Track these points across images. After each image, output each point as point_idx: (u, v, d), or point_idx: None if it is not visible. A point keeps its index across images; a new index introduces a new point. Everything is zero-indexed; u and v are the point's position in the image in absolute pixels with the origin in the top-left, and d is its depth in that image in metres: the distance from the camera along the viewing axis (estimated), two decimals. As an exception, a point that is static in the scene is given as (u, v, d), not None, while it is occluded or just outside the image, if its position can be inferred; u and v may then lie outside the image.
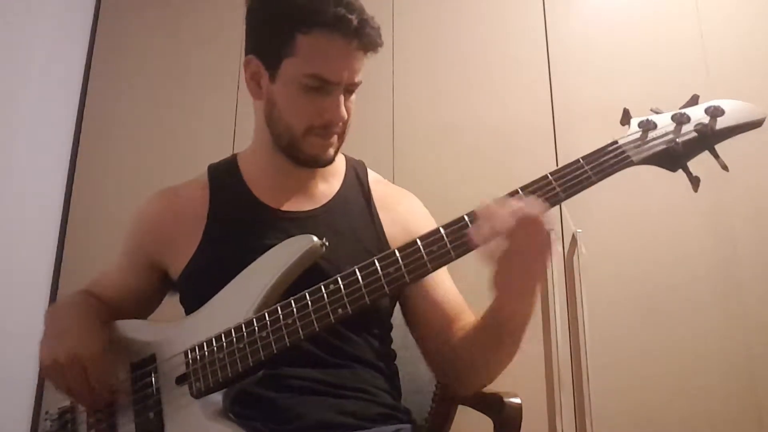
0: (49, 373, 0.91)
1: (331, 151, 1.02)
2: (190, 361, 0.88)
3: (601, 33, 2.00)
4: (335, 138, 1.01)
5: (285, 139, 1.01)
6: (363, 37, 0.95)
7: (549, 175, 0.82)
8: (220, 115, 2.01)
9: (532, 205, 0.78)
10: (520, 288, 0.84)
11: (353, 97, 1.02)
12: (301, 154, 1.01)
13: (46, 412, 0.98)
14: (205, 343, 0.88)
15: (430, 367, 1.07)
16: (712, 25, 1.96)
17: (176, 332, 0.93)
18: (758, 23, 1.95)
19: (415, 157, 1.92)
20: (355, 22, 0.93)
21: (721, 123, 0.82)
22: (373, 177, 1.14)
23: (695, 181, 0.83)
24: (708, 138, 0.82)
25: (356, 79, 0.99)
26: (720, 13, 1.97)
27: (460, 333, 0.99)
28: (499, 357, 0.94)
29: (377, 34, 0.97)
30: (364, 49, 0.97)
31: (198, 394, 0.86)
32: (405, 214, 1.10)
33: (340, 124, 1.00)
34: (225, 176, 1.11)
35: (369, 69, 1.01)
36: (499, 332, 0.90)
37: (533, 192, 0.82)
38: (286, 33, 0.95)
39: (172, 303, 1.11)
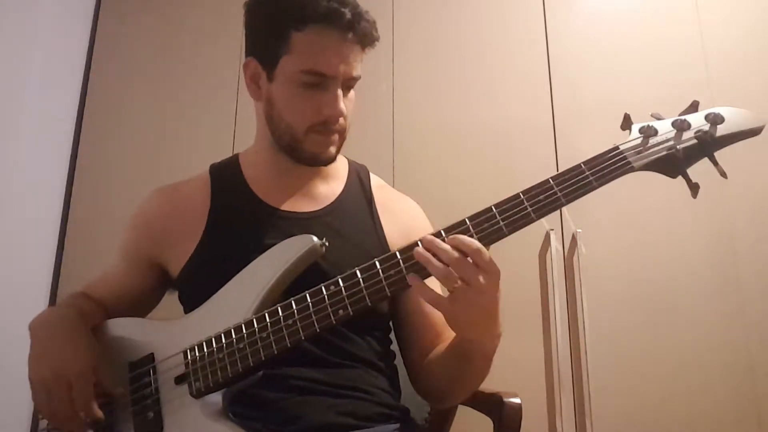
0: (36, 391, 0.88)
1: (332, 149, 1.02)
2: (190, 361, 0.88)
3: (601, 33, 2.00)
4: (336, 136, 1.01)
5: (286, 138, 1.01)
6: (357, 29, 0.95)
7: (550, 180, 0.81)
8: (220, 115, 2.01)
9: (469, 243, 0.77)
10: (474, 321, 0.82)
11: (352, 94, 1.02)
12: (303, 153, 1.01)
13: (41, 418, 0.94)
14: (204, 343, 0.88)
15: (410, 380, 1.06)
16: (712, 25, 1.96)
17: (175, 331, 0.93)
18: (758, 23, 1.95)
19: (415, 158, 1.92)
20: (348, 15, 0.93)
21: (721, 130, 0.82)
22: (375, 181, 1.14)
23: (695, 188, 0.82)
24: (708, 145, 0.82)
25: (354, 74, 0.98)
26: (720, 13, 1.97)
27: (441, 348, 0.99)
28: (468, 377, 0.94)
29: (372, 28, 0.97)
30: (361, 42, 0.97)
31: (198, 394, 0.86)
32: (406, 219, 1.10)
33: (341, 120, 0.99)
34: (226, 175, 1.11)
35: (369, 68, 1.00)
36: (465, 357, 0.90)
37: (535, 195, 0.81)
38: (281, 31, 0.96)
39: (170, 300, 1.11)
